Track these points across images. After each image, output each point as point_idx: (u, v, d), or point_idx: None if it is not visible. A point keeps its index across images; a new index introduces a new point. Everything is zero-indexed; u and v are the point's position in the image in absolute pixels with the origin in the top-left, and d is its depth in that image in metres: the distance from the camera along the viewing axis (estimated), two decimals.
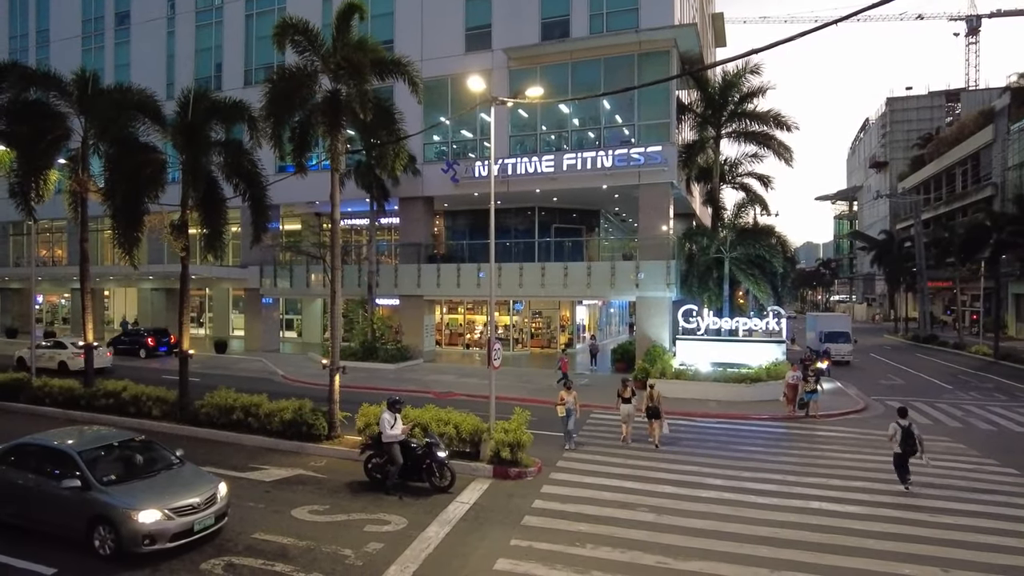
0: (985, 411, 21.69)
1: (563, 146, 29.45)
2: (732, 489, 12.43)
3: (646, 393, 16.27)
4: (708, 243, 26.61)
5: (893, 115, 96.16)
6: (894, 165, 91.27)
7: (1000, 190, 54.66)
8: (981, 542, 9.90)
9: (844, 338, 37.11)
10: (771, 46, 9.55)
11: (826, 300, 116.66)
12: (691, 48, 27.93)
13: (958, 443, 16.94)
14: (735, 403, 21.66)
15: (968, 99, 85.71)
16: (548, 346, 36.62)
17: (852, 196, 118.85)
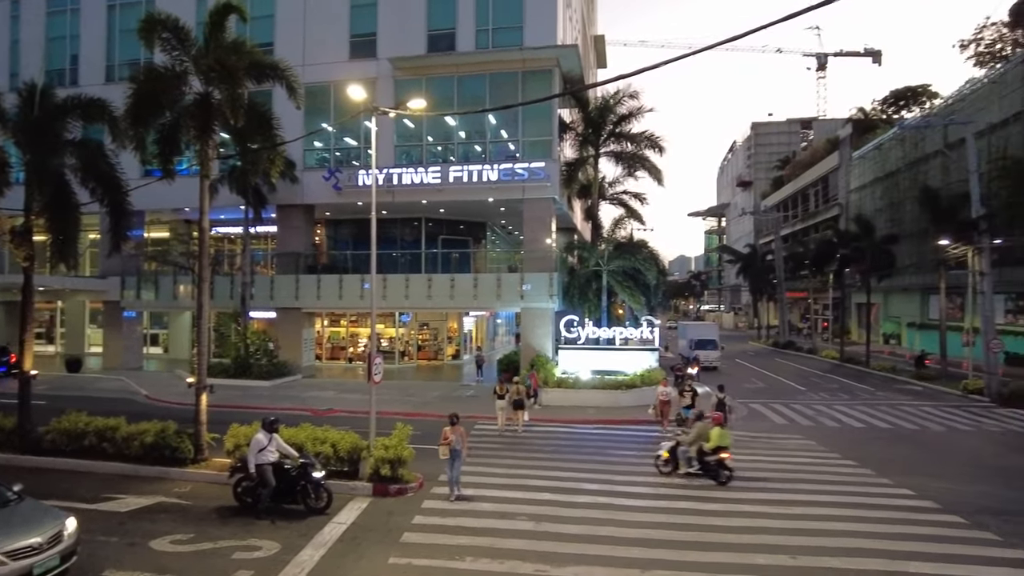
0: (831, 409, 23.96)
1: (450, 158, 29.56)
2: (607, 493, 12.92)
3: (513, 388, 19.33)
4: (588, 256, 27.65)
5: (757, 139, 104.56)
6: (758, 184, 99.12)
7: (845, 210, 60.76)
8: (825, 528, 10.91)
9: (712, 345, 39.72)
10: (643, 70, 10.13)
11: (697, 309, 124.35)
12: (573, 68, 28.98)
13: (809, 440, 18.59)
14: (612, 409, 22.57)
15: (819, 127, 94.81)
16: (435, 358, 36.44)
17: (721, 212, 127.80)
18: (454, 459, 12.46)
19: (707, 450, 13.97)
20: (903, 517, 11.57)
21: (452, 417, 12.95)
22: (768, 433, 19.71)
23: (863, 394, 28.37)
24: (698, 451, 14.16)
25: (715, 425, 14.23)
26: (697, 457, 14.16)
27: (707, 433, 14.11)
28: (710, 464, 13.90)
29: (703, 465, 14.02)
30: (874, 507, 12.13)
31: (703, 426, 14.41)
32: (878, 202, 54.45)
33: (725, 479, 13.72)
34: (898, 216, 49.96)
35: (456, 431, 12.60)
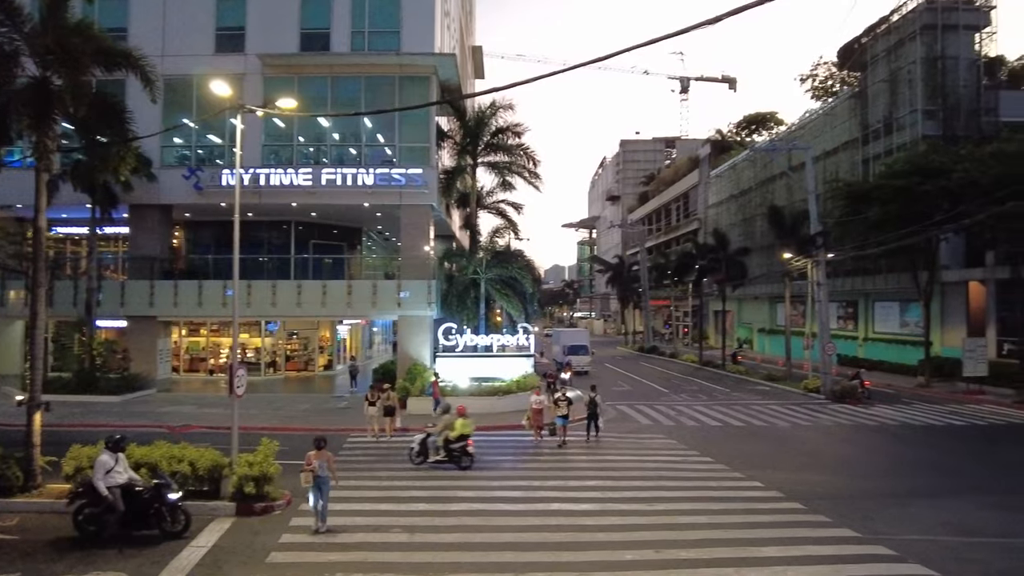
0: (691, 410, 25.62)
1: (323, 160, 28.58)
2: (482, 499, 12.99)
3: (384, 395, 19.57)
4: (466, 264, 27.79)
5: (625, 155, 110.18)
6: (625, 199, 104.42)
7: (704, 224, 65.43)
8: (686, 522, 11.60)
9: (584, 351, 41.29)
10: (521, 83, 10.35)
11: (570, 316, 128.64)
12: (450, 77, 29.08)
13: (671, 439, 19.73)
14: (489, 415, 22.73)
15: (681, 146, 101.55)
16: (305, 369, 34.98)
17: (592, 225, 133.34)
18: (320, 487, 11.05)
19: (452, 439, 15.42)
20: (753, 507, 12.56)
21: (318, 441, 11.52)
22: (634, 434, 20.71)
23: (719, 395, 30.59)
24: (444, 440, 15.49)
25: (459, 416, 15.66)
26: (444, 446, 15.46)
27: (453, 423, 15.53)
28: (455, 451, 15.32)
29: (449, 453, 15.36)
30: (728, 499, 13.08)
31: (449, 417, 15.89)
32: (733, 217, 59.17)
33: (467, 464, 15.11)
34: (750, 230, 54.59)
35: (322, 456, 11.17)
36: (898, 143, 37.96)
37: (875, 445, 19.47)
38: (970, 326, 34.19)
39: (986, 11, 38.13)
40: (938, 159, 29.21)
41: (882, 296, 40.99)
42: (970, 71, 37.34)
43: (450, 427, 15.58)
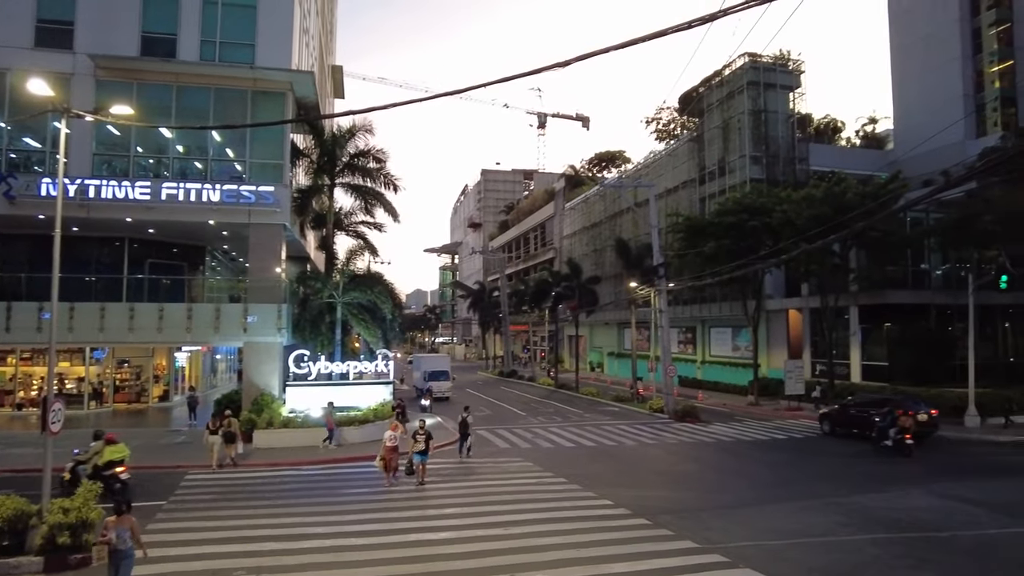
0: (547, 432, 26.31)
1: (164, 173, 26.39)
2: (335, 535, 12.42)
3: (224, 421, 19.29)
4: (322, 288, 26.77)
5: (486, 184, 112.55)
6: (487, 226, 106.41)
7: (559, 253, 68.20)
8: (540, 544, 11.80)
9: (445, 376, 41.14)
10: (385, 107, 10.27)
11: (432, 342, 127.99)
12: (308, 95, 28.20)
13: (527, 461, 20.11)
14: (345, 446, 21.92)
15: (539, 179, 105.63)
16: (137, 400, 31.77)
17: (454, 250, 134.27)
18: (118, 566, 8.58)
19: (100, 465, 15.14)
20: (603, 525, 13.08)
21: (119, 504, 8.92)
22: (493, 458, 20.89)
23: (573, 416, 31.72)
24: (94, 467, 15.14)
25: (108, 443, 15.44)
26: (94, 473, 14.97)
27: (102, 450, 15.30)
28: (105, 477, 14.79)
29: (101, 480, 14.53)
30: (581, 519, 13.52)
31: (98, 444, 15.53)
32: (586, 248, 62.25)
33: (117, 490, 14.43)
34: (601, 260, 57.68)
35: (123, 523, 8.63)
36: (730, 184, 42.12)
37: (711, 460, 21.09)
38: (790, 349, 38.32)
39: (797, 74, 43.85)
40: (762, 200, 32.71)
41: (717, 322, 44.84)
42: (786, 124, 42.48)
43: (99, 453, 15.20)
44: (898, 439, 21.10)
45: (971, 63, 50.46)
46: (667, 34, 6.71)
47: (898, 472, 18.44)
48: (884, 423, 21.82)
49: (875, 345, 33.60)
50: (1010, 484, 16.92)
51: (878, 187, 28.91)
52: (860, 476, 18.00)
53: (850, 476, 18.03)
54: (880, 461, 20.30)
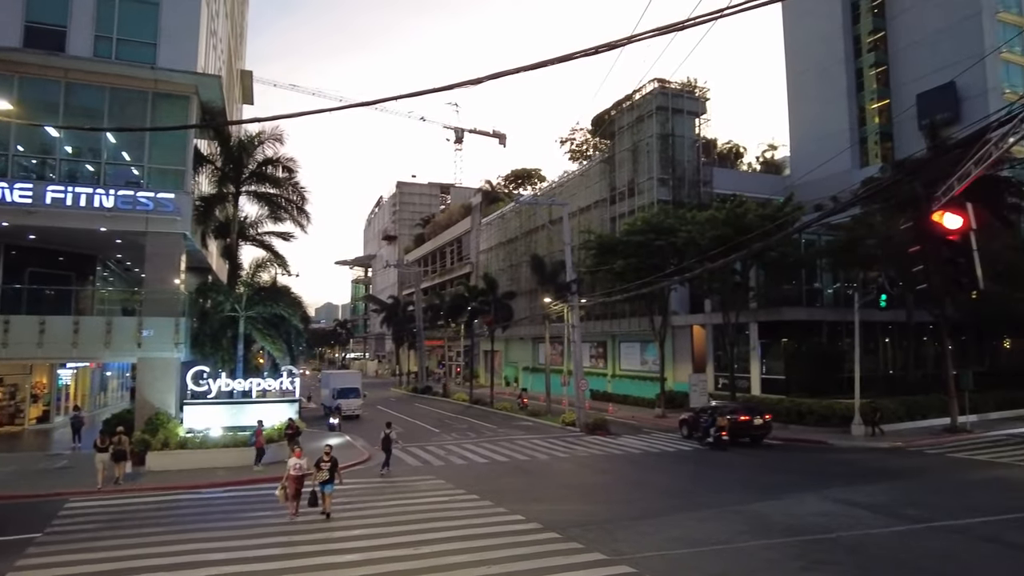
0: (461, 448, 26.10)
1: (49, 175, 24.42)
2: (234, 561, 11.75)
3: (115, 438, 18.63)
4: (224, 301, 25.49)
5: (402, 196, 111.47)
6: (402, 239, 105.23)
7: (476, 268, 68.31)
8: (452, 562, 11.60)
9: (355, 393, 40.08)
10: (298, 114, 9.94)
11: (343, 358, 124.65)
12: (214, 99, 26.99)
13: (440, 479, 19.84)
14: (246, 467, 20.89)
15: (456, 193, 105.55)
16: (11, 422, 29.07)
17: (367, 263, 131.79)
18: None
19: None
20: (515, 540, 13.04)
21: None
22: (404, 476, 20.48)
23: (487, 432, 31.64)
24: None
25: None
26: None
27: None
28: None
29: None
30: (492, 535, 13.43)
31: None
32: (502, 263, 62.67)
33: None
34: (517, 276, 58.23)
35: None
36: (639, 204, 43.65)
37: (620, 472, 21.55)
38: (695, 363, 39.92)
39: (703, 101, 46.18)
40: (669, 221, 34.09)
41: (627, 337, 46.13)
42: (692, 149, 44.59)
43: None
44: (716, 436, 25.38)
45: (855, 99, 54.93)
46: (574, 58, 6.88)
47: (795, 481, 19.47)
48: (707, 423, 26.12)
49: (773, 359, 35.57)
50: (888, 486, 18.21)
51: (775, 210, 30.78)
52: (760, 485, 18.88)
53: (750, 485, 18.87)
54: (780, 471, 21.40)
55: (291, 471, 15.18)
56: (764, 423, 26.55)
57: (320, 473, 15.13)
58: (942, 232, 7.11)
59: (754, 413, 26.73)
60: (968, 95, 43.99)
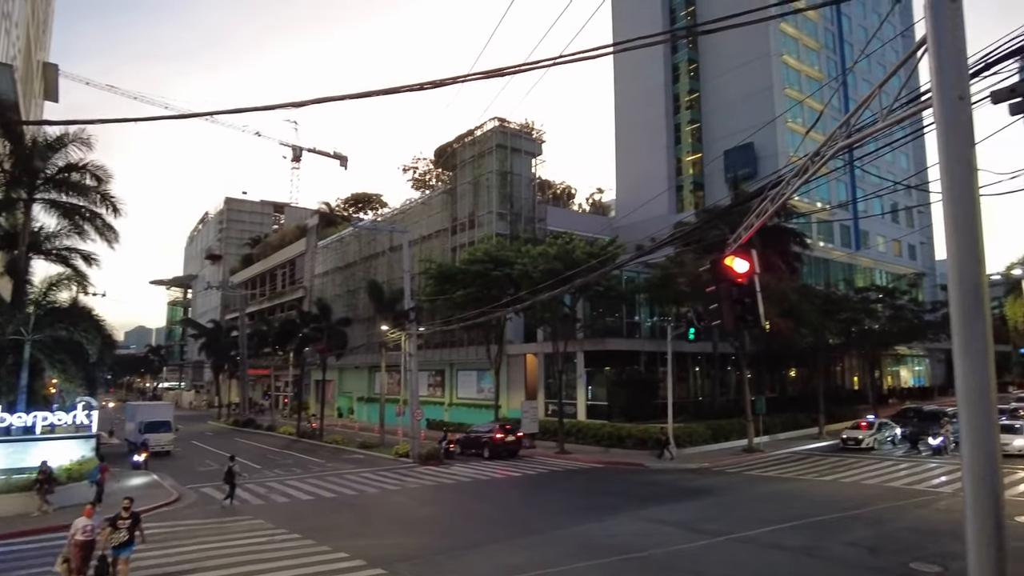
0: (283, 485, 24.56)
1: None
2: None
3: None
4: (5, 322, 22.10)
5: (230, 213, 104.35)
6: (228, 259, 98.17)
7: (309, 292, 65.46)
8: None
9: (166, 427, 36.38)
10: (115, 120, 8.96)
11: (155, 387, 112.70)
12: (6, 92, 23.70)
13: (258, 519, 18.48)
14: (23, 516, 18.04)
15: (291, 213, 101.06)
16: None
17: (188, 284, 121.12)
18: None
19: None
20: None
21: None
22: (217, 518, 18.85)
23: (315, 467, 30.11)
24: None
25: None
26: None
27: None
28: None
29: None
30: (313, 575, 12.75)
31: None
32: (338, 288, 60.70)
33: None
34: (354, 302, 56.65)
35: None
36: (478, 236, 44.62)
37: (451, 502, 21.50)
38: (527, 391, 41.16)
39: (539, 143, 48.65)
40: (507, 252, 35.20)
41: (464, 366, 46.51)
42: (528, 187, 46.62)
43: None
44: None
45: (673, 152, 60.87)
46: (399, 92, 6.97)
47: (615, 503, 20.58)
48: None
49: (598, 386, 37.72)
50: (695, 504, 19.92)
51: (600, 248, 32.97)
52: (584, 508, 19.75)
53: (575, 508, 19.67)
54: (602, 493, 22.55)
55: (78, 535, 11.70)
56: (516, 440, 32.05)
57: (117, 534, 11.77)
58: (732, 275, 8.05)
59: (507, 432, 32.10)
60: (764, 155, 50.54)
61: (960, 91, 4.12)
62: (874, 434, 31.76)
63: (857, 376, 53.79)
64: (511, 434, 32.18)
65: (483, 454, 31.51)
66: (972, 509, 3.99)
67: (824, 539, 15.00)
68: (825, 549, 14.23)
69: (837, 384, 50.72)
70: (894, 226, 62.94)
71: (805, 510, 18.18)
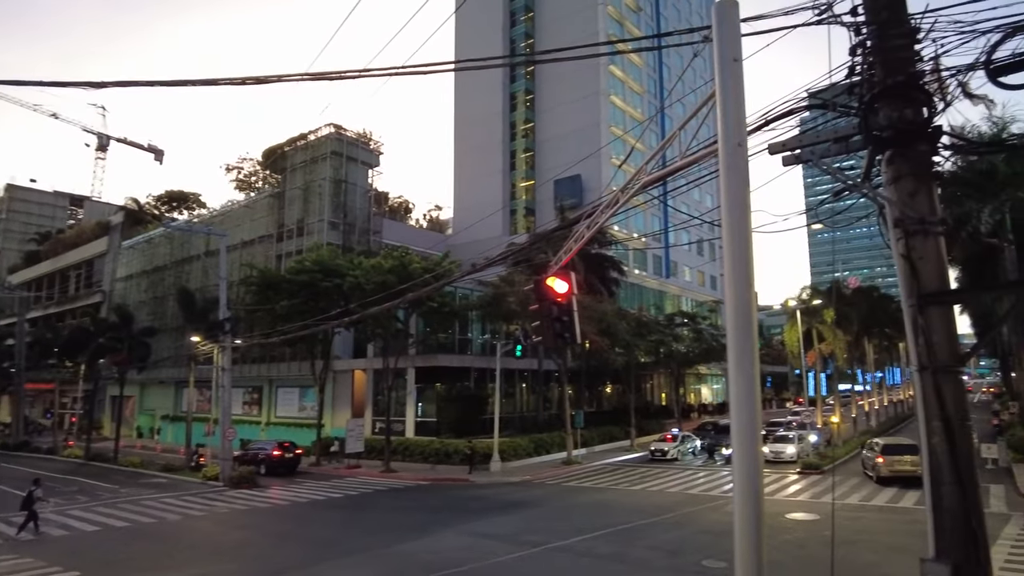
0: (64, 516, 21.53)
1: None
2: None
3: None
4: None
5: (13, 203, 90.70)
6: (7, 255, 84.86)
7: (108, 297, 58.45)
8: None
9: None
10: None
11: None
12: None
13: (26, 557, 15.98)
14: None
15: (91, 208, 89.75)
16: None
17: None
18: None
19: None
20: None
21: None
22: None
23: (106, 493, 26.75)
24: None
25: None
26: None
27: None
28: None
29: None
30: None
31: None
32: (144, 294, 54.90)
33: None
34: (161, 310, 51.51)
35: None
36: (307, 245, 42.78)
37: (265, 526, 20.17)
38: (354, 408, 39.92)
39: (377, 154, 47.97)
40: (339, 263, 34.08)
41: (285, 382, 44.06)
42: (364, 198, 45.71)
43: None
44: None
45: (509, 177, 63.11)
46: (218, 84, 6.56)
47: (439, 519, 20.53)
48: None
49: (428, 403, 37.62)
50: (516, 517, 20.50)
51: (435, 264, 33.14)
52: (407, 526, 19.48)
53: (398, 527, 19.35)
54: (426, 510, 22.40)
55: None
56: (295, 456, 33.07)
57: None
58: (553, 294, 8.50)
59: (286, 449, 32.94)
60: (589, 186, 54.03)
61: (739, 139, 4.76)
62: (678, 446, 34.90)
63: (665, 393, 58.87)
64: (290, 451, 33.03)
65: (260, 471, 31.10)
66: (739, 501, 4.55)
67: (632, 544, 16.14)
68: (632, 554, 15.33)
69: (647, 400, 55.10)
70: (699, 258, 70.22)
71: (616, 518, 19.45)
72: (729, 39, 4.94)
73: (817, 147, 6.21)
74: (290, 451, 33.15)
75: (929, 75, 5.71)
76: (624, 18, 62.35)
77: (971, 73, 5.61)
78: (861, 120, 5.76)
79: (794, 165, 6.52)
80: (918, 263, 5.36)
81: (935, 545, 5.15)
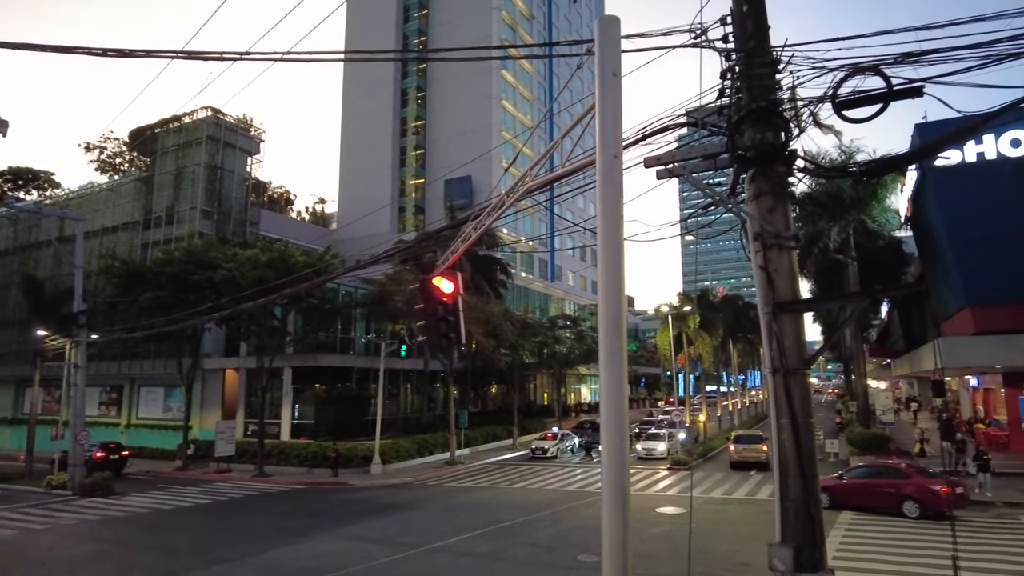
0: None
1: None
2: None
3: None
4: None
5: None
6: None
7: None
8: None
9: None
10: None
11: None
12: None
13: None
14: None
15: None
16: None
17: None
18: None
19: None
20: None
21: None
22: None
23: None
24: None
25: None
26: None
27: None
28: None
29: None
30: None
31: None
32: None
33: None
34: (3, 300, 46.22)
35: None
36: (177, 234, 39.95)
37: (120, 537, 18.60)
38: (225, 410, 37.70)
39: (257, 142, 45.60)
40: (212, 255, 32.04)
41: (148, 381, 40.89)
42: (241, 186, 43.32)
43: None
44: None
45: (398, 174, 62.18)
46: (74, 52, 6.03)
47: (315, 523, 19.84)
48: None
49: (305, 404, 36.22)
50: (395, 519, 20.22)
51: (316, 258, 32.02)
52: (281, 531, 18.65)
53: (271, 533, 18.49)
54: (301, 515, 21.56)
55: None
56: (121, 458, 32.60)
57: None
58: (439, 294, 8.49)
59: (110, 451, 32.32)
60: (479, 188, 54.31)
61: (615, 151, 5.01)
62: (558, 444, 35.89)
63: (547, 393, 60.33)
64: (115, 453, 32.61)
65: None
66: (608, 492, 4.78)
67: (510, 542, 16.40)
68: (510, 551, 15.56)
69: (531, 400, 56.23)
70: (582, 263, 72.58)
71: (496, 516, 19.68)
72: (610, 53, 5.18)
73: (689, 163, 6.66)
74: (115, 452, 32.44)
75: (787, 103, 6.29)
76: (517, 24, 63.33)
77: (821, 105, 6.25)
78: (728, 139, 6.24)
79: (667, 179, 6.94)
80: (773, 274, 5.89)
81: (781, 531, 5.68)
